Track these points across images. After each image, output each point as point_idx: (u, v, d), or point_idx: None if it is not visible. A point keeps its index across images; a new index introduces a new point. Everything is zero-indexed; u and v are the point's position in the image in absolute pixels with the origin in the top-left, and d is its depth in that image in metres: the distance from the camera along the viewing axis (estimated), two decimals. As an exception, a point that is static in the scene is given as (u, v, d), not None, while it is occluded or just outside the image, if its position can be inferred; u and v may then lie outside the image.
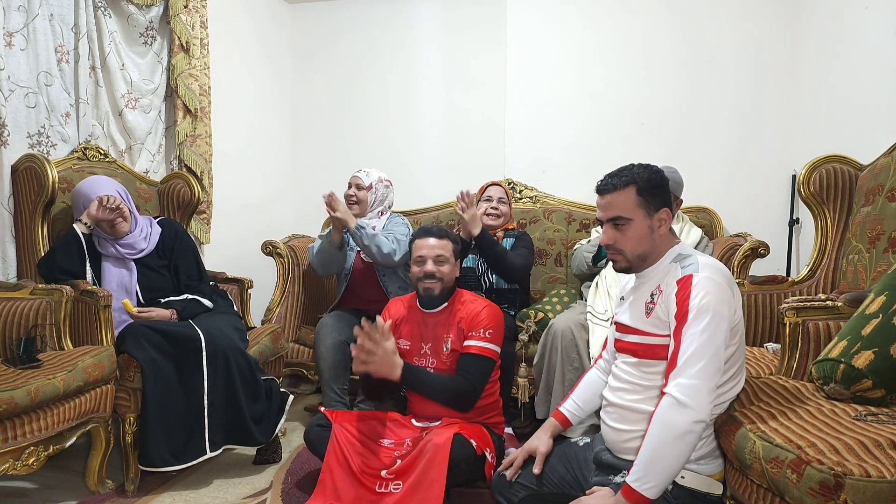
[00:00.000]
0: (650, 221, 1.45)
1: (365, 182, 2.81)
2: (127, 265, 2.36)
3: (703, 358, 1.28)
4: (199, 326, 2.20)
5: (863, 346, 1.36)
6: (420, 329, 2.10)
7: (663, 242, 1.47)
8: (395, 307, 2.22)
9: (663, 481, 1.29)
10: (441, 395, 1.96)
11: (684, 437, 1.27)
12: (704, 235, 2.65)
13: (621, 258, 1.49)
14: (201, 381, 2.11)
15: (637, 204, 1.44)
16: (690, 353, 1.29)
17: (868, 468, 1.03)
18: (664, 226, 1.45)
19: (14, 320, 2.07)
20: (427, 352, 2.07)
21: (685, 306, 1.33)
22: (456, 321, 2.05)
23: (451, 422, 1.94)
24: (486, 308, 2.05)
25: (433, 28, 3.68)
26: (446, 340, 2.04)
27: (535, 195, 3.42)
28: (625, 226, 1.45)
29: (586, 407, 1.69)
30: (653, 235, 1.45)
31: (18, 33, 2.38)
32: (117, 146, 2.81)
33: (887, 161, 1.98)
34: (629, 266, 1.50)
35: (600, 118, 3.44)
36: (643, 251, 1.46)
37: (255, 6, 3.65)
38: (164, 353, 2.08)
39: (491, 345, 1.99)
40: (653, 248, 1.47)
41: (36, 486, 2.15)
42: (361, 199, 2.79)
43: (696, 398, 1.27)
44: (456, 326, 2.04)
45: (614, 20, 3.40)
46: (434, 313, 2.10)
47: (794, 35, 3.15)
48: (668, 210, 1.46)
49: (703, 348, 1.29)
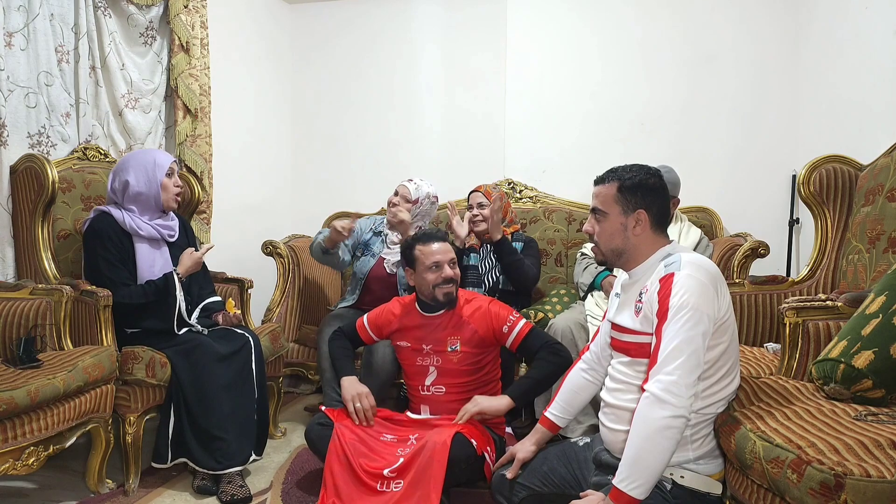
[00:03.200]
0: (624, 219, 1.48)
1: (412, 195, 2.72)
2: (160, 247, 2.33)
3: (682, 354, 1.29)
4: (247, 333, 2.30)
5: (863, 346, 1.36)
6: (420, 332, 2.10)
7: (641, 242, 1.48)
8: (400, 307, 2.19)
9: (649, 480, 1.28)
10: (551, 381, 1.96)
11: (664, 433, 1.27)
12: (704, 236, 2.65)
13: (598, 250, 1.56)
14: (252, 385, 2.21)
15: (615, 200, 1.49)
16: (670, 350, 1.30)
17: (868, 468, 1.03)
18: (640, 227, 1.47)
19: (14, 320, 2.07)
20: (429, 352, 2.07)
21: (665, 304, 1.34)
22: (464, 322, 2.05)
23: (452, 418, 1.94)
24: (489, 302, 2.10)
25: (433, 28, 3.69)
26: (452, 342, 2.05)
27: (535, 195, 3.42)
28: (602, 219, 1.51)
29: (570, 408, 1.70)
30: (626, 233, 1.48)
31: (18, 33, 2.38)
32: (117, 146, 2.81)
33: (887, 161, 1.98)
34: (604, 259, 1.55)
35: (600, 118, 3.44)
36: (616, 247, 1.50)
37: (255, 6, 3.65)
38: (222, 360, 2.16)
39: (523, 319, 2.06)
40: (627, 245, 1.49)
41: (36, 486, 2.15)
42: (406, 212, 2.64)
43: (675, 393, 1.27)
44: (465, 327, 2.04)
45: (614, 20, 3.40)
46: (435, 316, 2.09)
47: (794, 35, 3.16)
48: (645, 213, 1.47)
49: (683, 344, 1.29)
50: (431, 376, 2.08)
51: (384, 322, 2.17)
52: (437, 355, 2.06)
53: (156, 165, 2.30)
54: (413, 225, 2.69)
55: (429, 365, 2.07)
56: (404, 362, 2.16)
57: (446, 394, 2.06)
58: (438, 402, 2.07)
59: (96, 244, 2.21)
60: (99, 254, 2.20)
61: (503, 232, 2.68)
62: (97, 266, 2.21)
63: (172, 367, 2.08)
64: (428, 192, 2.79)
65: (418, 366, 2.09)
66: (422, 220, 2.80)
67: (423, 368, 2.09)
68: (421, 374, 2.09)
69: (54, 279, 2.26)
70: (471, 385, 2.06)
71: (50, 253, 2.32)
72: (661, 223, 1.49)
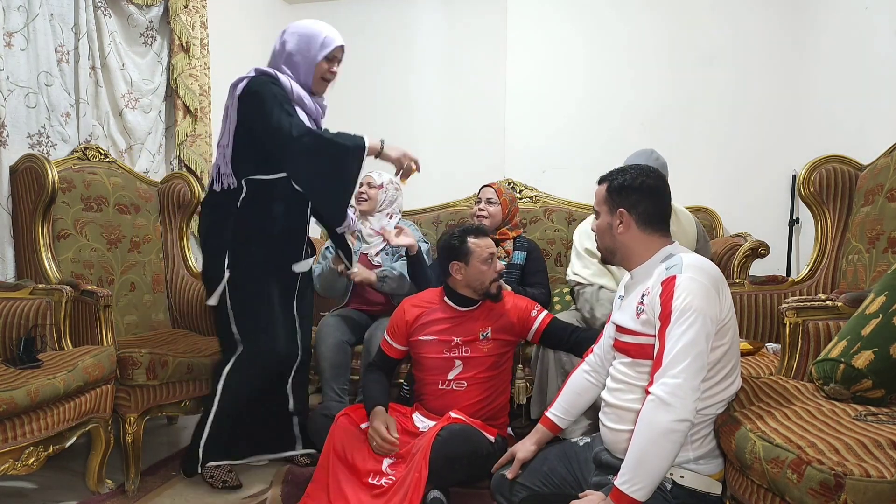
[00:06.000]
0: (610, 219, 1.51)
1: (376, 181, 2.81)
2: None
3: (686, 357, 1.29)
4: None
5: (863, 346, 1.36)
6: (451, 325, 2.07)
7: (629, 241, 1.49)
8: (413, 306, 2.15)
9: (651, 482, 1.29)
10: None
11: (669, 436, 1.28)
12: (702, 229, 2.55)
13: (598, 247, 1.60)
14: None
15: (604, 200, 1.54)
16: (674, 354, 1.30)
17: (868, 468, 1.03)
18: (623, 226, 1.49)
19: (14, 320, 2.07)
20: (459, 343, 2.05)
21: (668, 307, 1.34)
22: (503, 313, 2.08)
23: (456, 420, 1.93)
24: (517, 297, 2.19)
25: (433, 28, 3.69)
26: (483, 330, 2.06)
27: (535, 195, 3.42)
28: (597, 218, 1.57)
29: (572, 409, 1.70)
30: (612, 232, 1.51)
31: (18, 33, 2.38)
32: (117, 146, 2.81)
33: (887, 161, 1.98)
34: (603, 256, 1.60)
35: (600, 118, 3.44)
36: (607, 245, 1.55)
37: (255, 6, 3.65)
38: None
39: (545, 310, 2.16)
40: (615, 244, 1.52)
41: (36, 486, 2.15)
42: (371, 197, 2.79)
43: (680, 397, 1.28)
44: (503, 318, 2.08)
45: (614, 21, 3.40)
46: (471, 310, 2.09)
47: (794, 35, 3.15)
48: (626, 212, 1.48)
49: (687, 348, 1.30)
50: (456, 370, 2.05)
51: (403, 325, 2.12)
52: (466, 346, 2.04)
53: (322, 43, 2.11)
54: (383, 213, 2.79)
55: (455, 357, 2.04)
56: (426, 356, 2.08)
57: (467, 389, 2.04)
58: (458, 399, 2.03)
59: (264, 95, 1.95)
60: (270, 104, 1.93)
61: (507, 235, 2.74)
62: (271, 116, 1.91)
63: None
64: (391, 178, 2.85)
65: (444, 358, 2.05)
66: (390, 206, 2.84)
67: (448, 361, 2.05)
68: (444, 368, 2.05)
69: (54, 279, 2.25)
70: (490, 383, 2.06)
71: (50, 253, 2.32)
72: (652, 223, 1.48)
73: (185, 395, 2.27)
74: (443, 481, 1.80)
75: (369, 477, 1.81)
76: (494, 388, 2.07)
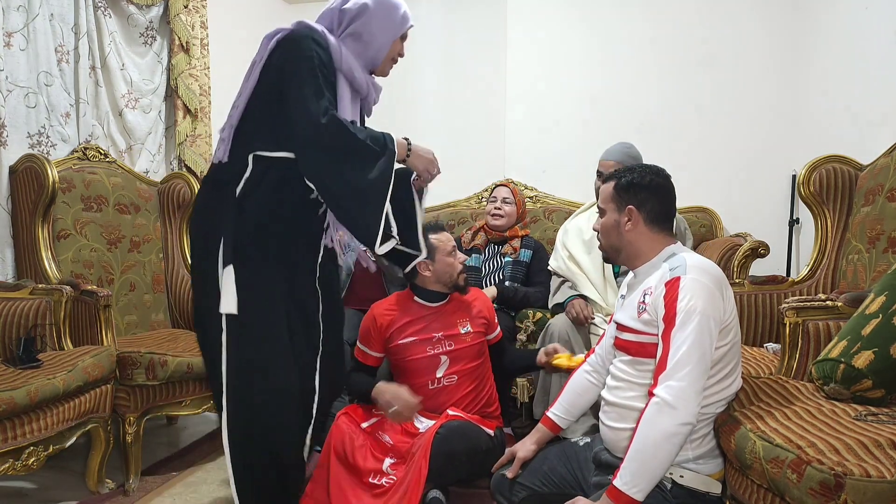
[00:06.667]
0: (618, 216, 1.52)
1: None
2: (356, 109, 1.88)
3: (690, 361, 1.30)
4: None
5: (863, 346, 1.36)
6: (428, 322, 2.07)
7: (636, 239, 1.50)
8: (383, 312, 2.10)
9: (650, 483, 1.30)
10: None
11: (671, 439, 1.28)
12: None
13: (601, 246, 1.60)
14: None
15: (611, 198, 1.53)
16: (679, 356, 1.30)
17: (868, 468, 1.03)
18: (632, 224, 1.49)
19: (14, 320, 2.07)
20: (441, 338, 2.05)
21: (672, 309, 1.34)
22: (470, 304, 2.12)
23: (454, 417, 1.93)
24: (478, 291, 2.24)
25: (433, 28, 3.68)
26: (462, 324, 2.08)
27: (535, 195, 3.42)
28: (602, 216, 1.57)
29: (573, 409, 1.70)
30: (619, 230, 1.51)
31: (18, 33, 2.38)
32: (117, 146, 2.81)
33: (887, 161, 1.98)
34: (607, 255, 1.60)
35: (600, 118, 3.44)
36: (612, 243, 1.55)
37: (255, 6, 3.65)
38: None
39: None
40: (622, 242, 1.52)
41: (36, 486, 2.15)
42: None
43: (683, 400, 1.28)
44: (472, 307, 2.11)
45: (614, 21, 3.40)
46: (443, 304, 2.10)
47: (794, 35, 3.15)
48: (636, 210, 1.48)
49: (691, 351, 1.30)
50: (444, 366, 2.04)
51: (376, 331, 2.07)
52: (449, 340, 2.05)
53: (403, 16, 1.75)
54: None
55: (440, 353, 2.04)
56: (410, 359, 2.06)
57: (458, 383, 2.03)
58: (451, 394, 2.03)
59: (302, 50, 1.57)
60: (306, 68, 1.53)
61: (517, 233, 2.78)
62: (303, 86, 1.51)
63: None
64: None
65: (429, 357, 2.04)
66: None
67: (434, 359, 2.04)
68: (431, 368, 2.04)
69: (54, 279, 2.25)
70: (478, 371, 2.07)
71: (50, 253, 2.32)
72: (659, 222, 1.49)
73: (184, 395, 2.26)
74: (443, 479, 1.80)
75: (370, 476, 1.81)
76: (481, 376, 2.09)
